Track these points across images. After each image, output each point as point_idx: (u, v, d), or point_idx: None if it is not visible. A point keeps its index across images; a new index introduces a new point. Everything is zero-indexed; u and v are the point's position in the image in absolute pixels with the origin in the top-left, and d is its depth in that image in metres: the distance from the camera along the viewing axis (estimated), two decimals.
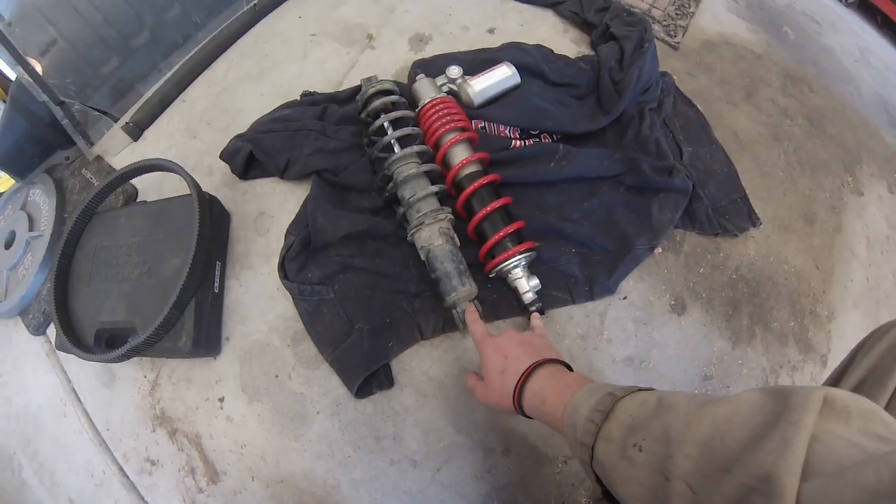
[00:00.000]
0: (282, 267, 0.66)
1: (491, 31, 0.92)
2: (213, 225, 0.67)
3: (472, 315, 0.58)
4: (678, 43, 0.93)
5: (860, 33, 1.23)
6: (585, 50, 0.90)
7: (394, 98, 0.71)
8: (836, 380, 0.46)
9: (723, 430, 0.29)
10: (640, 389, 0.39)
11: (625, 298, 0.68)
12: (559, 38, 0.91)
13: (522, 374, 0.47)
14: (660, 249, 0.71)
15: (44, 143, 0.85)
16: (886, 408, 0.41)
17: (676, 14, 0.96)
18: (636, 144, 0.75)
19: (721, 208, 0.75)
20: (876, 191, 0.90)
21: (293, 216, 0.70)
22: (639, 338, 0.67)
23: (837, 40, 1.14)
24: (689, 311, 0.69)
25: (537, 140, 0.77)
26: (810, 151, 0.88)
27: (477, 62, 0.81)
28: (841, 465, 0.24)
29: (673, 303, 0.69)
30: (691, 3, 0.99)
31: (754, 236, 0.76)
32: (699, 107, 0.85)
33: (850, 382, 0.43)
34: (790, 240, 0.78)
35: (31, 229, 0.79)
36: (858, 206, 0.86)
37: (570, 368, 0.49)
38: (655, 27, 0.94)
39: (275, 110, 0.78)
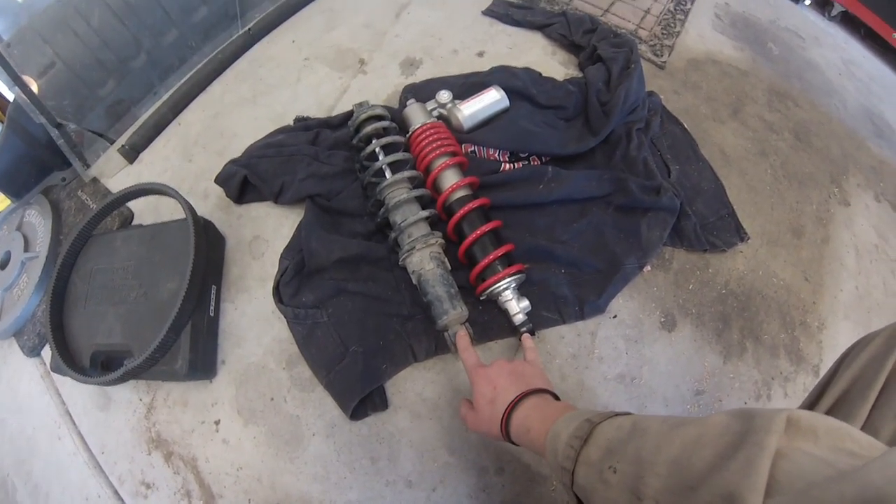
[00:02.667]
0: (276, 291, 0.67)
1: (480, 54, 0.93)
2: (208, 249, 0.68)
3: (463, 342, 0.59)
4: (665, 62, 0.95)
5: (844, 46, 1.25)
6: (574, 71, 0.91)
7: (385, 123, 0.72)
8: (820, 391, 0.47)
9: (691, 450, 0.30)
10: (618, 414, 0.40)
11: (615, 317, 0.69)
12: (548, 60, 0.93)
13: (509, 405, 0.48)
14: (649, 268, 0.72)
15: (40, 164, 0.86)
16: (869, 417, 0.41)
17: (663, 34, 0.98)
18: (624, 165, 0.76)
19: (709, 225, 0.76)
20: (863, 201, 0.91)
21: (287, 240, 0.71)
22: (630, 355, 0.68)
23: (822, 54, 1.16)
24: (680, 328, 0.70)
25: (526, 163, 0.78)
26: (797, 165, 0.89)
27: (466, 86, 0.82)
28: (808, 482, 0.24)
29: (663, 320, 0.70)
30: (677, 22, 1.01)
31: (743, 251, 0.77)
32: (686, 125, 0.86)
33: (834, 394, 0.44)
34: (779, 253, 0.79)
35: (26, 250, 0.79)
36: (846, 216, 0.87)
37: (556, 397, 0.51)
38: (642, 47, 0.95)
39: (269, 135, 0.79)
